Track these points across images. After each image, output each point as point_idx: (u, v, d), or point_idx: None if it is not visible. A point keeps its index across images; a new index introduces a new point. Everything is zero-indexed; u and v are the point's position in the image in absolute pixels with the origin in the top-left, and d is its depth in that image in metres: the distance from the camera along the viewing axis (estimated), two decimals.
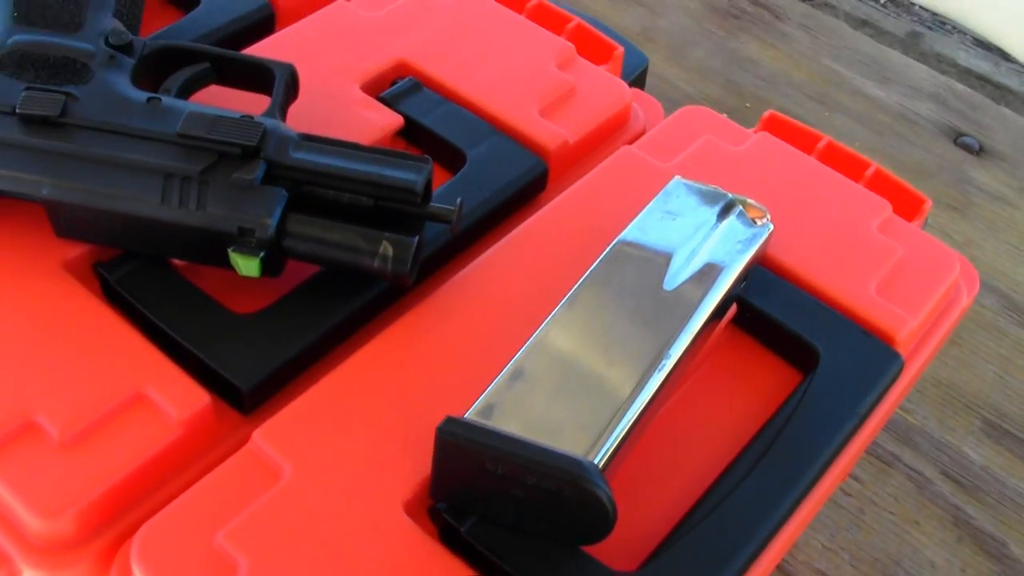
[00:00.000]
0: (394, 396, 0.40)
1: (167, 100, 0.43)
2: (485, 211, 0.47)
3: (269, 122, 0.43)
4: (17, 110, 0.41)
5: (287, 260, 0.42)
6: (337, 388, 0.40)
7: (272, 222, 0.40)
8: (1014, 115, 0.89)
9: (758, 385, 0.44)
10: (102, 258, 0.43)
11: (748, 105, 0.84)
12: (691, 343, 0.39)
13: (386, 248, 0.41)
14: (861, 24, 2.00)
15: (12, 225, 0.44)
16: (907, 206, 0.50)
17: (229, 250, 0.41)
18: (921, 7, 1.99)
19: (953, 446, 0.66)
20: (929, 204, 0.50)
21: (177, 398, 0.39)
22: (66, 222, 0.42)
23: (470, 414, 0.36)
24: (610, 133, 0.52)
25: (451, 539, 0.37)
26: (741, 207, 0.44)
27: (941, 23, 2.03)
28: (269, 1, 0.55)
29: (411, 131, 0.50)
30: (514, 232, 0.46)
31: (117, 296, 0.42)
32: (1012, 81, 1.88)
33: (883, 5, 2.06)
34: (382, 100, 0.50)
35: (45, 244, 0.43)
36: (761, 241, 0.43)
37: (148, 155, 0.41)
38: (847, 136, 0.81)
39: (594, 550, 0.36)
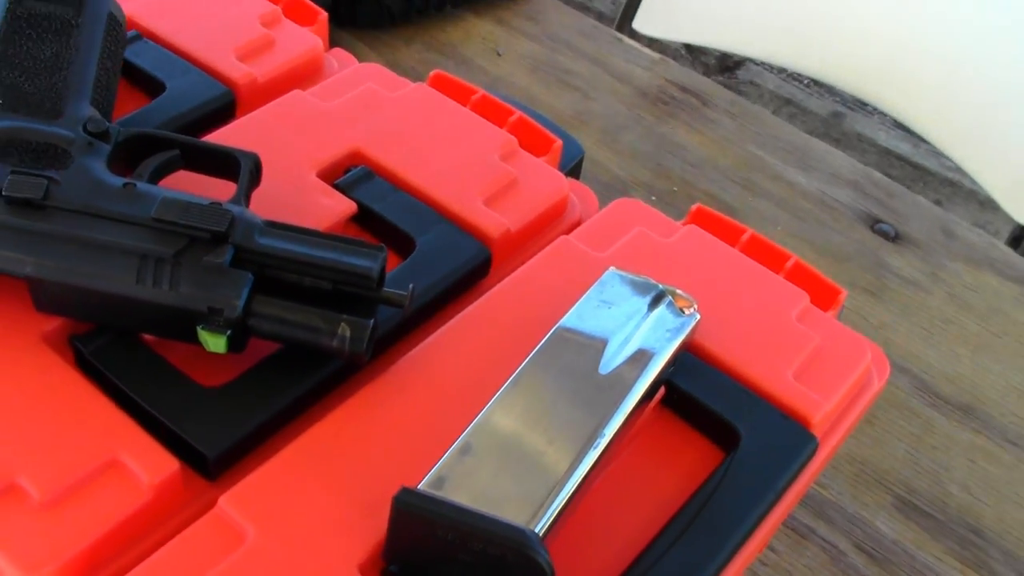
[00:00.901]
0: (352, 465, 0.43)
1: (141, 185, 0.46)
2: (433, 294, 0.50)
3: (236, 209, 0.46)
4: (3, 192, 0.44)
5: (251, 338, 0.45)
6: (299, 457, 0.43)
7: (239, 303, 0.44)
8: (928, 203, 0.95)
9: (683, 461, 0.48)
10: (77, 331, 0.46)
11: (676, 189, 0.89)
12: (624, 423, 0.43)
13: (344, 329, 0.44)
14: (785, 103, 2.08)
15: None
16: (824, 296, 0.55)
17: (198, 328, 0.44)
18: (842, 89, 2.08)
19: (866, 520, 0.71)
20: (844, 294, 0.55)
21: (148, 464, 0.42)
22: (46, 297, 0.45)
23: (423, 485, 0.39)
24: (548, 222, 0.56)
25: None
26: (671, 297, 0.48)
27: (862, 104, 2.12)
28: (230, 88, 0.58)
29: (364, 217, 0.53)
30: (460, 315, 0.50)
31: (91, 367, 0.45)
32: (930, 162, 1.98)
33: (807, 85, 2.15)
34: (337, 187, 0.54)
35: (24, 317, 0.46)
36: (688, 329, 0.47)
37: (124, 237, 0.45)
38: (770, 220, 0.86)
39: None
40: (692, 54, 1.90)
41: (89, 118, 0.49)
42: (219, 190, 0.48)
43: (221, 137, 0.55)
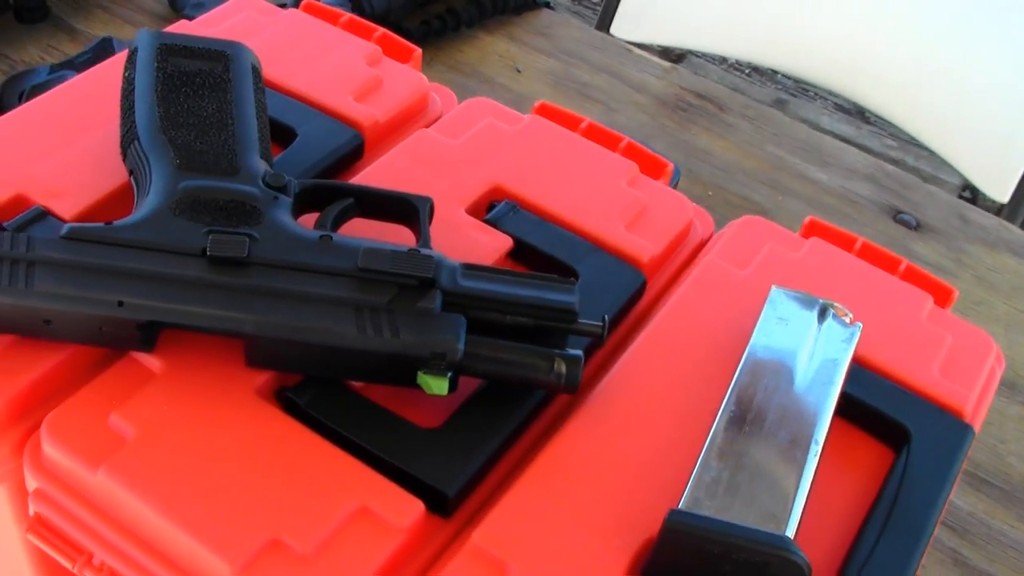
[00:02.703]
0: (585, 489, 0.46)
1: (337, 237, 0.48)
2: None
3: (436, 254, 0.48)
4: (208, 253, 0.46)
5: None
6: (534, 487, 0.45)
7: (460, 346, 0.46)
8: (940, 191, 1.00)
9: (861, 462, 0.51)
10: (284, 383, 0.48)
11: (710, 194, 0.92)
12: (828, 429, 0.46)
13: (559, 365, 0.47)
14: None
15: (194, 357, 0.48)
16: (939, 295, 0.59)
17: (420, 372, 0.46)
18: (784, 75, 2.15)
19: None
20: (956, 293, 0.59)
21: (395, 508, 0.44)
22: (260, 354, 0.46)
23: (684, 505, 0.42)
24: (680, 243, 0.59)
25: None
26: (832, 309, 0.51)
27: (804, 90, 2.20)
28: (358, 131, 0.60)
29: (520, 251, 0.55)
30: (639, 341, 0.52)
31: (308, 418, 0.47)
32: (873, 143, 2.06)
33: (748, 74, 2.22)
34: (487, 223, 0.56)
35: (231, 372, 0.47)
36: (857, 338, 0.51)
37: (334, 289, 0.46)
38: (801, 218, 0.90)
39: None
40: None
41: (266, 172, 0.50)
42: (389, 236, 0.50)
43: (366, 181, 0.57)
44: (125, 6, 0.99)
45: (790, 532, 0.42)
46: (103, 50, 0.86)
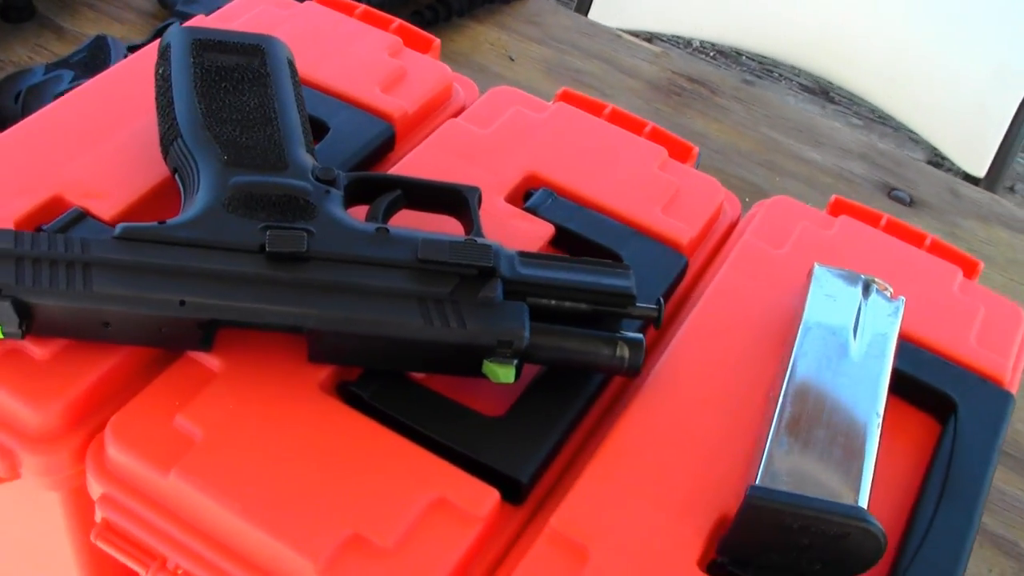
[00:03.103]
0: (655, 470, 0.46)
1: (394, 229, 0.48)
2: None
3: (492, 243, 0.48)
4: (268, 249, 0.45)
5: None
6: (604, 470, 0.46)
7: (526, 334, 0.46)
8: (931, 168, 1.01)
9: (910, 433, 0.52)
10: (344, 377, 0.48)
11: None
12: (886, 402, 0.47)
13: (622, 349, 0.47)
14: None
15: (252, 355, 0.47)
16: (966, 268, 0.60)
17: (486, 361, 0.46)
18: (749, 56, 2.17)
19: None
20: (982, 265, 0.60)
21: (472, 497, 0.44)
22: (324, 349, 0.46)
23: (761, 481, 0.43)
24: (713, 224, 0.60)
25: None
26: (875, 284, 0.52)
27: (769, 71, 2.22)
28: (390, 123, 0.60)
29: (562, 237, 0.56)
30: (688, 321, 0.53)
31: (373, 411, 0.47)
32: (838, 121, 2.08)
33: (712, 57, 2.23)
34: (527, 211, 0.56)
35: (293, 369, 0.47)
36: (902, 311, 0.52)
37: (395, 281, 0.46)
38: (800, 198, 0.91)
39: None
40: None
41: (314, 166, 0.50)
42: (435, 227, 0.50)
43: (402, 172, 0.57)
44: (113, 4, 0.98)
45: (863, 504, 0.42)
46: (98, 48, 0.85)
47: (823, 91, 2.11)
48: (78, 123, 0.56)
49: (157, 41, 0.56)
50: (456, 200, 0.52)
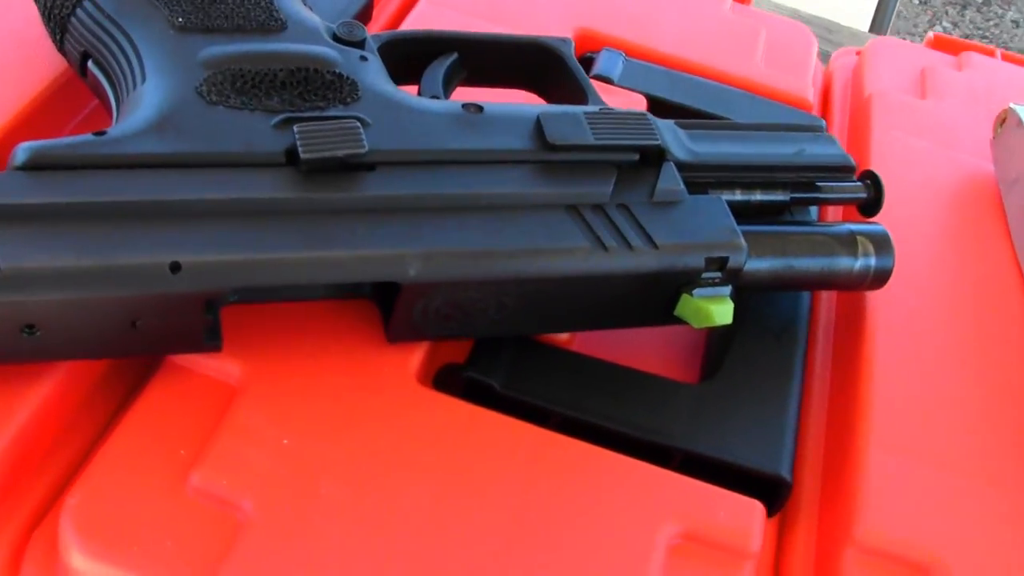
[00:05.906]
0: (944, 439, 0.30)
1: (490, 106, 0.29)
2: None
3: (637, 111, 0.30)
4: (302, 155, 0.26)
5: None
6: (882, 453, 0.29)
7: (743, 242, 0.28)
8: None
9: None
10: (439, 361, 0.29)
11: None
12: None
13: (866, 248, 0.31)
14: None
15: (276, 351, 0.28)
16: None
17: (686, 294, 0.28)
18: None
19: None
20: None
21: (729, 520, 0.26)
22: (422, 315, 0.27)
23: None
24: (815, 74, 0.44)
25: None
26: None
27: None
28: None
29: (652, 110, 0.38)
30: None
31: (509, 404, 0.28)
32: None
33: None
34: (597, 79, 0.38)
35: (364, 361, 0.28)
36: None
37: (523, 185, 0.28)
38: None
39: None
40: None
41: (328, 25, 0.30)
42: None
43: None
44: None
45: None
46: None
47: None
48: None
49: None
50: (543, 60, 0.33)
